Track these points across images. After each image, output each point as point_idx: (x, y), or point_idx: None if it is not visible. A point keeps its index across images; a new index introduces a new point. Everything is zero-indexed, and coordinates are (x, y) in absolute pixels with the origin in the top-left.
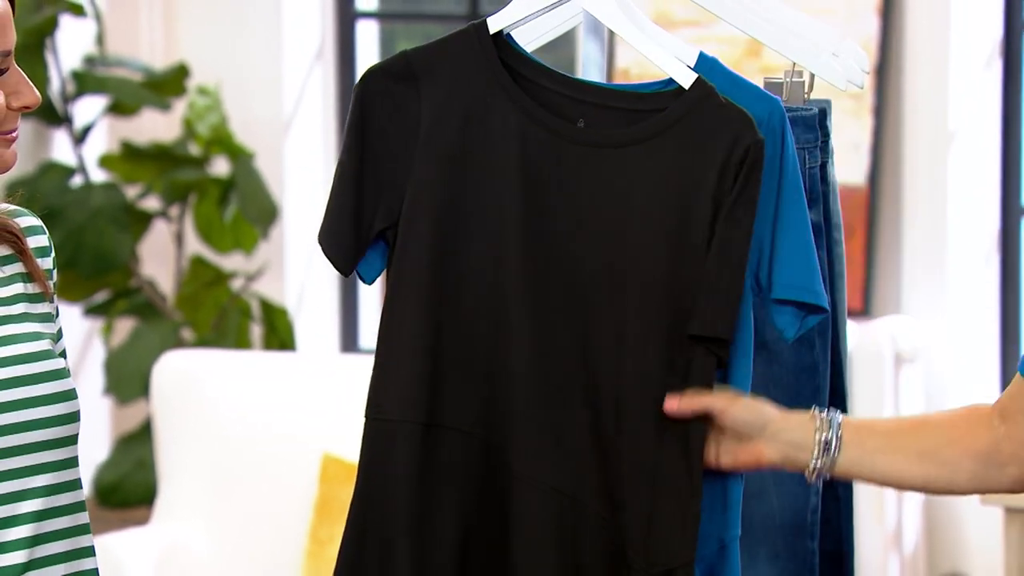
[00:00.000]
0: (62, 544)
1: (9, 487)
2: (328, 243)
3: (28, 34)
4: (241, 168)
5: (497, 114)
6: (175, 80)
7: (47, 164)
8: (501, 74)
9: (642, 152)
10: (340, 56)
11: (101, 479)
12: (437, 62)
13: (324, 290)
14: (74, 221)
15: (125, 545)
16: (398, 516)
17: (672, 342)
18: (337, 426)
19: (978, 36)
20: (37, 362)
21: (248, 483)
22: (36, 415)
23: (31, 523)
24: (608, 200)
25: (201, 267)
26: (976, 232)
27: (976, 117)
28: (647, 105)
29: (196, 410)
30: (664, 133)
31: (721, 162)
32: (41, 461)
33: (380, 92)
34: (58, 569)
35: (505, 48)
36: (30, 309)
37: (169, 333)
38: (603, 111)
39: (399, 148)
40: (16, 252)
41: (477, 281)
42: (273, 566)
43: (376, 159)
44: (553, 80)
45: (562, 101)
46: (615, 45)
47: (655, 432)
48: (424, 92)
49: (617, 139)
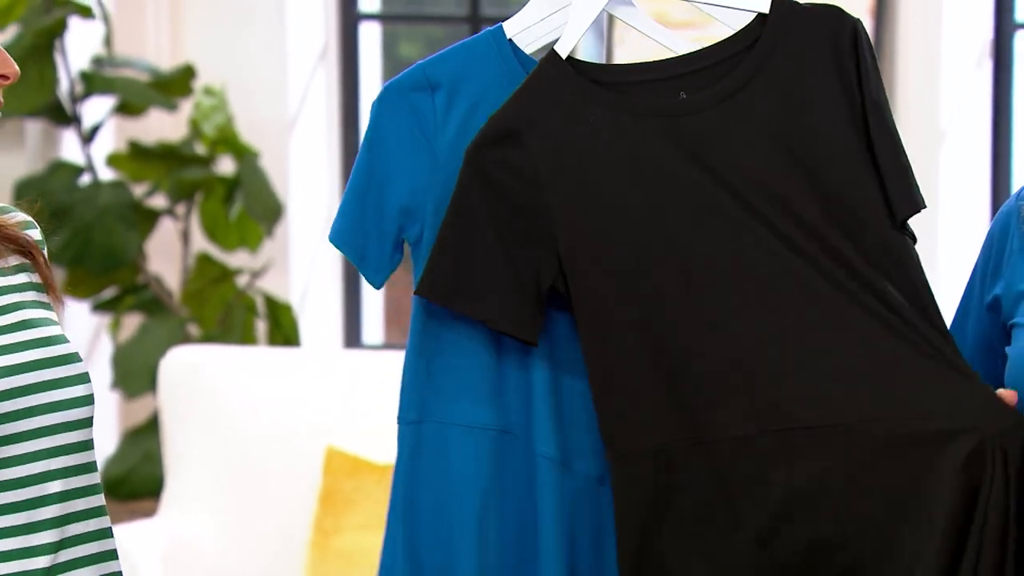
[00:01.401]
0: (84, 525)
1: (36, 468)
2: (511, 323)
3: (38, 35)
4: (246, 167)
5: (607, 128)
6: (181, 81)
7: (56, 163)
8: (593, 90)
9: (757, 89)
10: (343, 57)
11: (109, 472)
12: (531, 111)
13: (328, 287)
14: (82, 219)
15: (133, 536)
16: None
17: (869, 249)
18: (341, 420)
19: (969, 37)
20: (52, 346)
21: (253, 475)
22: (54, 397)
23: (57, 503)
24: (751, 149)
25: (207, 264)
26: (967, 228)
27: (967, 116)
28: (734, 48)
29: (202, 404)
30: (767, 63)
31: (834, 58)
32: (59, 443)
33: (494, 162)
34: (84, 548)
35: (579, 65)
36: (38, 297)
37: (176, 329)
38: (694, 76)
39: (527, 203)
40: (28, 261)
41: (677, 295)
42: (278, 556)
43: (508, 223)
44: (632, 72)
45: (653, 87)
46: (613, 45)
47: None
48: (529, 143)
49: (726, 91)
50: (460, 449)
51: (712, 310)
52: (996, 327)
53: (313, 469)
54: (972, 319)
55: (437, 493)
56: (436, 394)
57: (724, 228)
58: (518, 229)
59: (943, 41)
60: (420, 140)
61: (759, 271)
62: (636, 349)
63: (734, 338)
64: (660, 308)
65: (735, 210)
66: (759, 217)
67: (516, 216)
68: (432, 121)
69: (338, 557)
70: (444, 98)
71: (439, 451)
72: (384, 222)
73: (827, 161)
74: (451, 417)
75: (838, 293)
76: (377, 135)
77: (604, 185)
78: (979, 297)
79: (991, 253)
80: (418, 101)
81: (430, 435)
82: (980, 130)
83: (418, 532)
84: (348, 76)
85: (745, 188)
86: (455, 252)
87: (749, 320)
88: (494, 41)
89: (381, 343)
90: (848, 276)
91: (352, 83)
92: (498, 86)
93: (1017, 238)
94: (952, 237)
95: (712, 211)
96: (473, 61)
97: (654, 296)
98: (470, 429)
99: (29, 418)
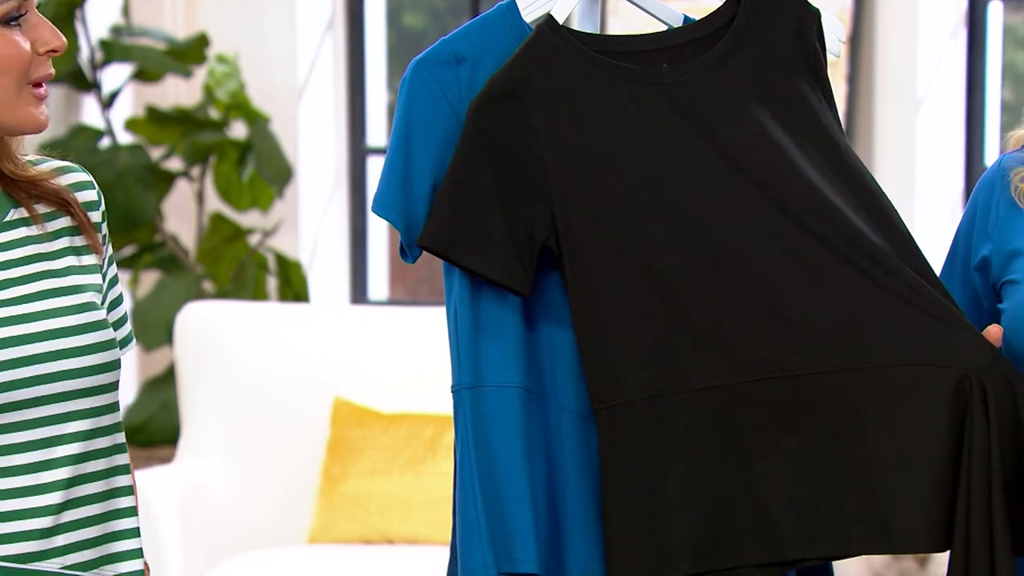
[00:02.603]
0: (98, 485)
1: (45, 432)
2: (504, 275)
3: (59, 6)
4: (258, 131)
5: (603, 90)
6: (196, 49)
7: (77, 127)
8: (587, 54)
9: (736, 63)
10: (350, 27)
11: (129, 420)
12: (530, 71)
13: (335, 245)
14: (103, 180)
15: (151, 481)
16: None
17: (855, 205)
18: (347, 372)
19: (944, 9)
20: (77, 314)
21: (264, 424)
22: (70, 365)
23: (69, 466)
24: (737, 116)
25: (221, 223)
26: (942, 189)
27: (942, 84)
28: (712, 27)
29: (216, 356)
30: (743, 38)
31: (799, 37)
32: (77, 408)
33: (494, 120)
34: (93, 508)
35: (574, 33)
36: (76, 262)
37: (191, 285)
38: (676, 50)
39: (525, 159)
40: (61, 208)
41: (667, 252)
42: (288, 500)
43: (506, 178)
44: (618, 44)
45: (638, 58)
46: (607, 15)
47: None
48: (528, 102)
49: (708, 63)
50: (510, 409)
51: (700, 266)
52: (985, 286)
53: (321, 418)
54: (957, 280)
55: (499, 452)
56: (486, 359)
57: (715, 188)
58: (516, 185)
59: (920, 14)
60: (448, 112)
61: (747, 230)
62: (622, 304)
63: (723, 293)
64: (649, 264)
65: (725, 171)
66: (748, 178)
67: (514, 173)
68: (458, 94)
69: (344, 501)
70: (468, 71)
71: (497, 412)
72: (422, 190)
73: (804, 122)
74: (501, 380)
75: (823, 249)
76: (410, 108)
77: (599, 144)
78: (964, 259)
79: (976, 216)
80: (445, 75)
81: (487, 398)
82: (954, 97)
83: (487, 487)
84: (354, 45)
85: (734, 150)
86: (455, 205)
87: (738, 276)
88: (509, 14)
89: (386, 299)
90: (834, 231)
91: (358, 52)
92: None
93: (1004, 201)
94: (927, 196)
95: (704, 172)
96: (491, 35)
97: (644, 252)
98: (517, 390)
99: (41, 385)
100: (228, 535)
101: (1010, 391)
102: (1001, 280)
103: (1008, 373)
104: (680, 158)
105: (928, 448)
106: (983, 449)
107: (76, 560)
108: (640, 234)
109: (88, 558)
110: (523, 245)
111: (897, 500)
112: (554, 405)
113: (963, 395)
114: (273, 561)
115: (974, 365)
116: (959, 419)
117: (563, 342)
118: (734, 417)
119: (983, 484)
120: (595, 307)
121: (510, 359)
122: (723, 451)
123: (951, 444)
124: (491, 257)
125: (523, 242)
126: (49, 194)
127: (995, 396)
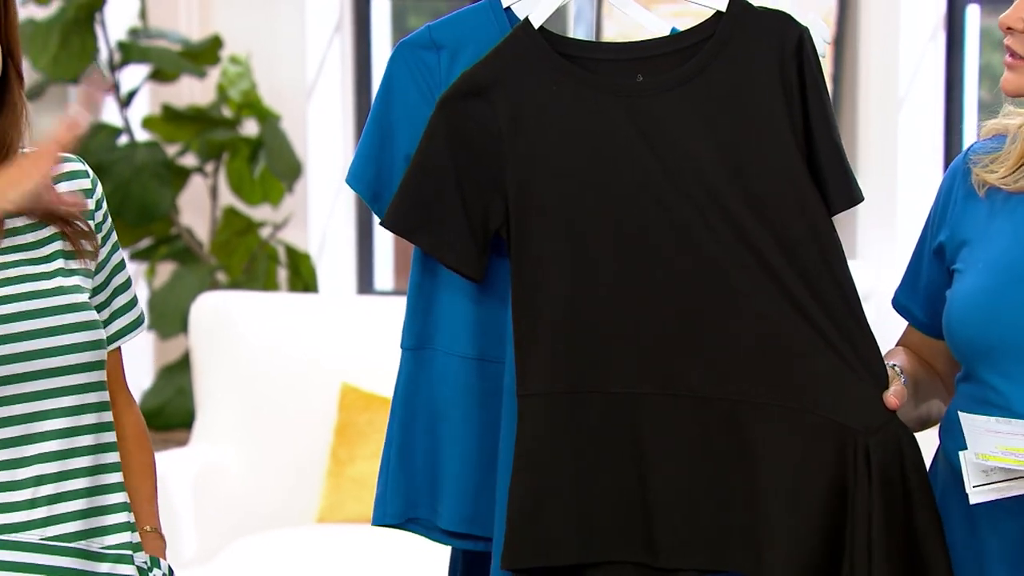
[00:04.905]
0: (85, 460)
1: (31, 407)
2: (457, 260)
3: (79, 9)
4: (269, 129)
5: (568, 96)
6: (210, 50)
7: (96, 125)
8: (559, 61)
9: (708, 79)
10: (357, 30)
11: (145, 405)
12: (500, 71)
13: (343, 238)
14: (121, 176)
15: (167, 464)
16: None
17: (798, 240)
18: (354, 359)
19: (924, 12)
20: (57, 296)
21: (275, 409)
22: (54, 343)
23: (55, 440)
24: (695, 137)
25: (233, 217)
26: (923, 186)
27: (922, 84)
28: (692, 39)
29: (229, 344)
30: (720, 55)
31: (778, 60)
32: (63, 384)
33: (462, 112)
34: (80, 482)
35: (550, 38)
36: (66, 265)
37: (205, 276)
38: (654, 61)
39: (486, 153)
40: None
41: (604, 260)
42: (297, 482)
43: (467, 169)
44: (597, 51)
45: (615, 66)
46: (602, 18)
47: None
48: (495, 100)
49: (681, 77)
50: (448, 372)
51: (633, 278)
52: (941, 272)
53: (329, 404)
54: (925, 265)
55: (429, 405)
56: (431, 326)
57: (657, 208)
58: (476, 176)
59: (901, 16)
60: (425, 93)
61: (682, 253)
62: (557, 300)
63: (650, 305)
64: (585, 266)
65: (670, 192)
66: (691, 202)
67: (475, 164)
68: (436, 77)
69: (351, 484)
70: (447, 58)
71: (432, 373)
72: (394, 166)
73: (762, 153)
74: (443, 346)
75: (757, 274)
76: (389, 87)
77: (556, 148)
78: (929, 244)
79: (939, 202)
80: (425, 58)
81: (426, 360)
82: (934, 97)
83: (411, 435)
84: (361, 47)
85: (683, 174)
86: (418, 191)
87: (666, 291)
88: (491, 10)
89: (391, 289)
90: (764, 268)
91: (365, 53)
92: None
93: (962, 190)
94: (909, 193)
95: (649, 189)
96: (473, 27)
97: (582, 254)
98: (457, 358)
99: (26, 361)
100: (240, 515)
101: (898, 455)
102: (951, 267)
103: (900, 436)
104: (626, 172)
105: (811, 499)
106: (864, 511)
107: (58, 532)
108: (580, 237)
109: (72, 530)
110: (478, 233)
111: (775, 536)
112: (498, 375)
113: (850, 454)
114: (283, 540)
115: (865, 425)
116: (842, 477)
117: (503, 321)
118: (641, 426)
119: (864, 545)
120: (531, 298)
121: (454, 328)
122: (624, 455)
123: (832, 500)
124: (448, 242)
125: (478, 230)
126: (45, 217)
127: (879, 459)
